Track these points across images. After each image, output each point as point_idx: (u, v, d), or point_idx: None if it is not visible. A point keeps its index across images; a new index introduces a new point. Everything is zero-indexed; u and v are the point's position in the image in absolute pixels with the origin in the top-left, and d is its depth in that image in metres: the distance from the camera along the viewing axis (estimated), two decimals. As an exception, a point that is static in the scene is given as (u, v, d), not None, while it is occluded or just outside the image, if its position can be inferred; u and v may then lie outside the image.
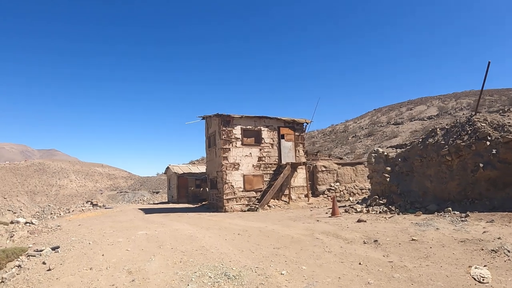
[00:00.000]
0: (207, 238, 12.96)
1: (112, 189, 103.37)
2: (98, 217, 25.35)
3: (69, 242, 13.78)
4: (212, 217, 21.02)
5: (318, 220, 16.16)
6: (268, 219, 18.54)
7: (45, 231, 18.19)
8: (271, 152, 27.26)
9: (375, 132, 69.06)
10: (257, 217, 19.80)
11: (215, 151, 27.43)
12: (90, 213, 29.15)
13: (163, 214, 25.02)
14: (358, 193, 29.61)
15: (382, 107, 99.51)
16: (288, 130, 28.08)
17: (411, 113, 77.81)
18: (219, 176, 26.22)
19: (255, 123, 26.97)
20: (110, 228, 17.55)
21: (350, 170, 30.34)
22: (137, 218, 22.74)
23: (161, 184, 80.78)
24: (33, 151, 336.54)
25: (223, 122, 25.73)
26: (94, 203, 35.00)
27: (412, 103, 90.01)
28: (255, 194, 26.12)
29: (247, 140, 26.56)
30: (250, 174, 26.16)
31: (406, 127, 65.19)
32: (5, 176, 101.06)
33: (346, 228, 13.11)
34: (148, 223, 19.38)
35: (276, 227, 14.58)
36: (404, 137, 59.32)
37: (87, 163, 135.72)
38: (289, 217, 19.03)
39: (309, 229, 13.48)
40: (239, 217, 20.68)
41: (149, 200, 57.41)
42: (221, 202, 25.69)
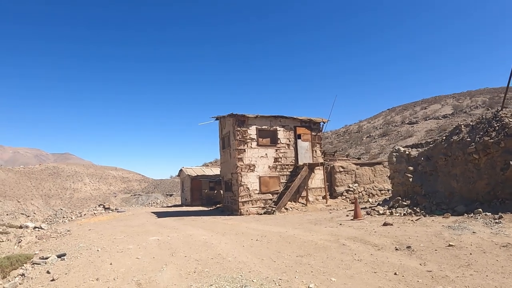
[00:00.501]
0: (223, 244, 12.04)
1: (126, 192, 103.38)
2: (110, 221, 24.58)
3: (76, 248, 13.03)
4: (228, 221, 20.10)
5: (340, 224, 15.13)
6: (286, 222, 17.57)
7: (54, 237, 17.55)
8: (288, 152, 26.31)
9: (390, 132, 67.76)
10: (274, 221, 18.83)
11: (229, 152, 26.54)
12: (102, 217, 28.45)
13: (176, 218, 24.18)
14: (377, 194, 28.54)
15: (396, 107, 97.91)
16: (305, 130, 27.11)
17: (425, 112, 76.17)
18: (234, 178, 25.31)
19: (270, 123, 26.03)
20: (121, 233, 16.79)
21: (368, 170, 29.27)
22: (149, 222, 21.92)
23: (175, 187, 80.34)
24: (47, 155, 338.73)
25: (237, 122, 24.85)
26: (106, 207, 34.25)
27: (426, 102, 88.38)
28: (272, 196, 25.19)
29: (263, 141, 25.64)
30: (266, 176, 25.23)
31: (421, 127, 63.72)
32: (20, 180, 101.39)
33: (374, 233, 12.10)
34: (161, 227, 18.53)
35: (297, 232, 13.61)
36: (419, 136, 57.72)
37: (101, 166, 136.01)
38: (308, 220, 18.06)
39: (333, 234, 12.50)
40: (256, 220, 19.73)
41: (163, 203, 56.75)
42: (236, 205, 24.76)
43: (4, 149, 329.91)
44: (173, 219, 23.69)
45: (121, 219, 25.98)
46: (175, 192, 70.41)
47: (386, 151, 53.70)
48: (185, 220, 22.52)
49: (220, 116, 27.24)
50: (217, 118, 28.25)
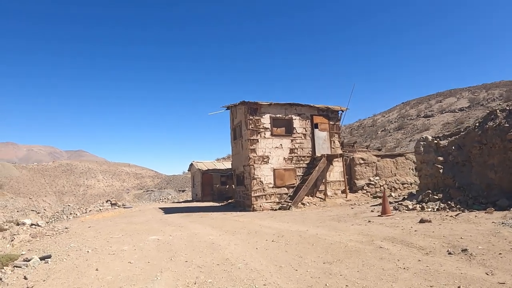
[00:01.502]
0: (233, 246, 10.05)
1: (139, 188, 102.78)
2: (114, 218, 22.85)
3: (65, 249, 11.43)
4: (239, 218, 18.10)
5: (369, 221, 13.04)
6: (305, 219, 15.54)
7: (49, 235, 16.08)
8: (304, 143, 24.23)
9: (405, 126, 66.05)
10: (291, 217, 16.79)
11: (241, 143, 24.51)
12: (107, 213, 26.72)
13: (184, 214, 22.29)
14: (400, 188, 26.38)
15: (410, 100, 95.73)
16: (322, 119, 25.01)
17: (441, 105, 74.28)
18: (246, 171, 23.29)
19: (285, 111, 23.94)
20: (120, 232, 15.09)
21: (390, 162, 27.10)
22: (154, 219, 20.06)
23: (187, 183, 78.87)
24: (61, 152, 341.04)
25: (249, 110, 22.80)
26: (113, 202, 32.51)
27: (441, 95, 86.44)
28: (287, 190, 23.12)
29: (277, 130, 23.56)
30: (281, 168, 23.16)
31: (437, 120, 61.94)
32: (34, 177, 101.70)
33: (414, 232, 10.01)
34: (165, 225, 16.68)
35: (320, 231, 11.54)
36: (436, 129, 55.82)
37: (114, 163, 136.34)
38: (330, 216, 16.02)
39: (365, 234, 10.44)
40: (270, 217, 17.71)
41: (174, 198, 55.22)
42: (248, 200, 22.73)
43: (19, 147, 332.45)
44: (180, 215, 21.78)
45: (126, 215, 24.17)
46: (187, 188, 68.80)
47: (403, 145, 52.30)
48: (192, 216, 20.60)
49: (231, 105, 25.22)
50: (227, 108, 26.25)
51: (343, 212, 17.48)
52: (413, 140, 52.80)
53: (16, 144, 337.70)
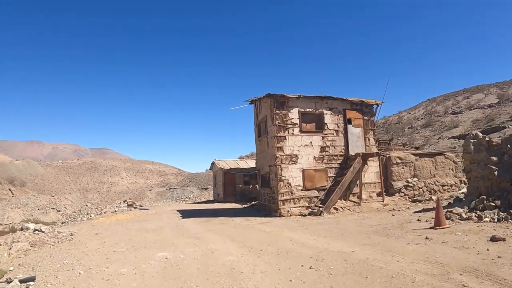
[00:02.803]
0: (259, 275, 7.65)
1: (162, 186, 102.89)
2: (126, 222, 20.71)
3: (56, 267, 9.59)
4: (265, 226, 15.62)
5: (426, 238, 10.47)
6: (344, 231, 13.03)
7: (50, 243, 14.41)
8: (336, 140, 21.64)
9: (433, 123, 63.62)
10: (326, 227, 14.27)
11: (266, 141, 22.06)
12: (121, 216, 24.62)
13: (202, 220, 19.95)
14: (440, 190, 23.64)
15: (436, 97, 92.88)
16: (356, 114, 22.44)
17: (468, 101, 72.01)
18: (272, 172, 20.82)
19: (315, 104, 21.38)
20: (127, 243, 12.97)
21: (429, 162, 24.37)
22: (169, 225, 17.78)
23: (210, 180, 77.34)
24: (85, 150, 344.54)
25: (276, 104, 20.33)
26: (130, 203, 30.42)
27: (468, 92, 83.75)
28: (317, 193, 20.58)
29: (307, 126, 21.02)
30: (311, 169, 20.62)
31: (466, 116, 59.49)
32: (58, 174, 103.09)
33: (496, 258, 7.52)
34: (179, 235, 14.37)
35: (369, 254, 8.99)
36: (465, 126, 53.47)
37: (138, 160, 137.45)
38: (371, 227, 13.55)
39: (431, 260, 7.89)
40: (301, 226, 15.23)
41: (196, 197, 53.26)
42: (275, 204, 20.26)
43: (44, 145, 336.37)
44: (199, 221, 19.43)
45: (140, 219, 22.00)
46: (210, 186, 67.11)
47: (431, 142, 49.93)
48: (212, 222, 18.23)
49: (255, 99, 22.80)
50: (251, 102, 23.83)
51: (385, 221, 15.02)
52: (442, 138, 50.85)
53: (42, 143, 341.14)
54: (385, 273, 7.18)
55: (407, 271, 7.18)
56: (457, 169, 24.97)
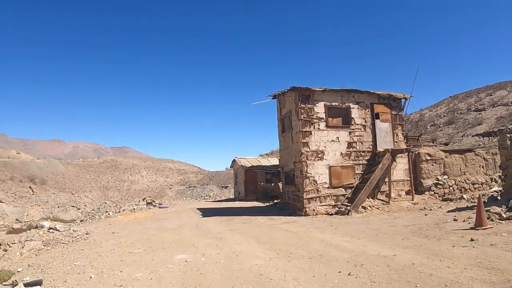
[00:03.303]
0: (291, 283, 6.66)
1: (182, 184, 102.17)
2: (145, 221, 19.93)
3: (66, 270, 8.87)
4: (291, 226, 14.63)
5: (471, 239, 9.39)
6: (378, 231, 12.00)
7: (64, 242, 13.74)
8: (364, 136, 20.50)
9: (456, 120, 61.87)
10: (357, 227, 13.23)
11: (291, 137, 20.99)
12: (140, 214, 23.85)
13: (224, 218, 19.04)
14: (470, 188, 22.37)
15: (458, 94, 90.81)
16: (384, 108, 21.27)
17: (491, 98, 69.57)
18: (297, 169, 19.76)
19: (341, 98, 20.25)
20: (144, 243, 12.14)
21: (459, 159, 23.10)
22: (189, 224, 16.89)
23: (230, 179, 76.64)
24: (106, 149, 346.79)
25: (301, 97, 19.23)
26: (149, 201, 29.61)
27: (490, 88, 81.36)
28: (344, 191, 19.45)
29: (333, 121, 19.92)
30: (337, 165, 19.52)
31: (489, 114, 57.63)
32: (79, 173, 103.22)
33: None
34: (200, 234, 13.48)
35: (413, 257, 7.91)
36: (490, 124, 51.94)
37: (158, 159, 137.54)
38: (406, 227, 12.50)
39: (486, 266, 6.82)
40: (329, 225, 14.20)
41: (216, 195, 52.47)
42: (300, 202, 19.22)
43: (65, 144, 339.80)
44: (220, 219, 18.55)
45: (159, 217, 21.18)
46: (230, 184, 66.27)
47: (455, 140, 48.50)
48: (234, 222, 17.33)
49: (278, 93, 21.77)
50: (274, 96, 22.78)
51: (419, 221, 13.96)
52: (466, 135, 49.56)
53: (63, 141, 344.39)
54: (437, 281, 6.15)
55: (462, 278, 6.15)
56: (487, 167, 23.83)
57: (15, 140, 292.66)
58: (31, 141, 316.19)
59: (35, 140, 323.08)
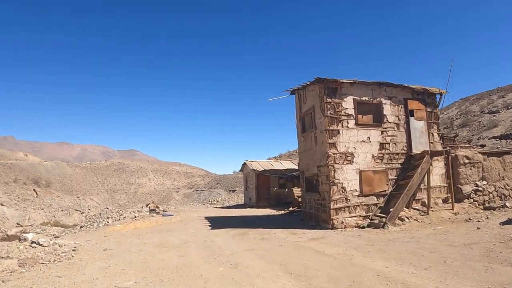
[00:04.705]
0: None
1: (189, 187, 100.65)
2: (145, 232, 17.06)
3: None
4: (322, 245, 11.59)
5: None
6: (439, 255, 9.14)
7: (44, 262, 11.29)
8: (397, 136, 17.46)
9: (470, 122, 59.34)
10: (406, 247, 10.31)
11: (314, 136, 17.80)
12: (141, 223, 20.95)
13: (237, 231, 16.01)
14: (510, 195, 19.27)
15: (469, 96, 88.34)
16: (418, 104, 18.22)
17: (505, 100, 67.34)
18: (322, 174, 16.65)
19: (372, 92, 17.25)
20: (138, 271, 9.30)
21: (497, 162, 19.99)
22: (196, 241, 13.87)
23: (237, 183, 74.21)
24: (113, 152, 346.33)
25: (326, 90, 16.23)
26: (152, 208, 26.68)
27: (502, 91, 79.24)
28: (376, 200, 16.46)
29: (363, 118, 16.93)
30: (369, 170, 16.50)
31: (504, 116, 55.08)
32: (86, 175, 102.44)
33: None
34: (209, 257, 10.51)
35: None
36: (506, 126, 48.41)
37: (166, 162, 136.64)
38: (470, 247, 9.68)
39: None
40: (369, 244, 11.19)
41: (224, 200, 49.47)
42: (325, 213, 16.16)
43: (73, 147, 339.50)
44: (232, 233, 15.55)
45: (162, 228, 18.23)
46: (238, 188, 63.68)
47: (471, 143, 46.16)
48: (249, 237, 14.31)
49: (298, 87, 18.78)
50: (292, 92, 19.85)
51: (477, 237, 11.22)
52: (482, 138, 47.07)
53: (71, 144, 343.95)
54: None
55: None
56: (526, 171, 20.86)
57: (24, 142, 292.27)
58: (39, 143, 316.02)
59: (43, 143, 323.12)
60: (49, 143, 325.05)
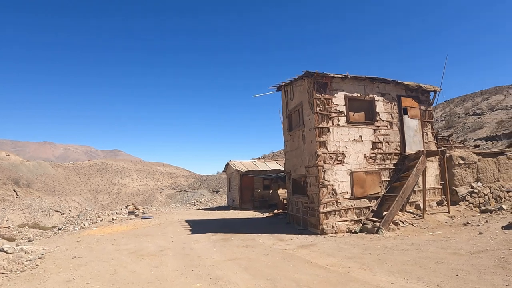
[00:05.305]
0: None
1: (172, 188, 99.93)
2: (121, 237, 15.62)
3: None
4: (313, 254, 10.34)
5: None
6: (444, 265, 7.98)
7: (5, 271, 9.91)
8: (390, 135, 16.29)
9: (455, 124, 59.39)
10: (408, 256, 9.06)
11: (301, 135, 16.52)
12: (118, 227, 19.53)
13: (219, 237, 14.68)
14: (505, 197, 18.30)
15: (453, 98, 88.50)
16: (412, 102, 17.14)
17: (489, 103, 68.25)
18: (311, 175, 15.35)
19: (365, 88, 16.03)
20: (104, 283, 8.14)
21: (492, 163, 19.06)
22: (173, 248, 12.49)
23: (221, 183, 73.20)
24: (97, 152, 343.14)
25: (316, 85, 14.94)
26: (130, 210, 25.24)
27: (486, 93, 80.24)
28: (369, 202, 15.24)
29: (354, 116, 15.71)
30: (361, 171, 15.25)
31: (489, 118, 55.65)
32: (69, 175, 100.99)
33: None
34: (186, 269, 9.20)
35: None
36: (491, 127, 49.22)
37: (149, 162, 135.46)
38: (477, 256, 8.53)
39: None
40: (366, 252, 9.97)
41: (207, 201, 48.15)
42: (314, 217, 14.87)
43: (56, 146, 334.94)
44: (214, 239, 14.20)
45: (139, 233, 16.83)
46: (221, 189, 62.40)
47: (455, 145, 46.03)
48: (232, 243, 12.99)
49: (285, 83, 17.58)
50: (278, 88, 18.62)
51: (482, 244, 10.09)
52: (468, 139, 46.90)
53: (54, 144, 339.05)
54: None
55: None
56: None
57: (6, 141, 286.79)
58: (22, 142, 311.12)
59: (26, 142, 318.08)
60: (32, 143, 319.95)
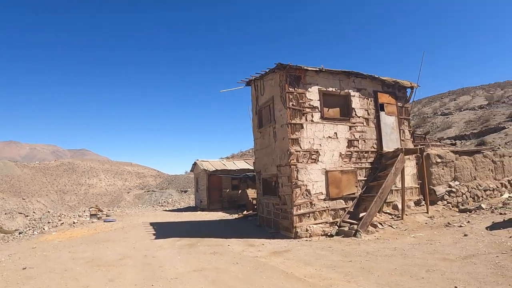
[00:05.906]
0: None
1: (141, 188, 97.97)
2: (79, 243, 14.13)
3: None
4: (288, 263, 9.22)
5: None
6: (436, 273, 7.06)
7: None
8: (367, 132, 15.42)
9: (424, 124, 60.31)
10: (394, 264, 8.07)
11: (272, 132, 15.38)
12: (79, 231, 18.02)
13: (184, 242, 13.35)
14: (483, 196, 17.99)
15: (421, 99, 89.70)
16: (389, 98, 16.34)
17: (457, 103, 70.20)
18: (283, 174, 14.24)
19: (340, 83, 15.07)
20: None
21: (469, 162, 18.52)
22: (134, 256, 11.12)
23: (189, 183, 71.81)
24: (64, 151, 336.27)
25: (289, 78, 13.87)
26: (93, 213, 23.63)
27: (453, 94, 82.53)
28: (344, 203, 14.26)
29: (329, 112, 14.72)
30: (336, 170, 14.24)
31: (457, 118, 56.80)
32: (35, 176, 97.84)
33: None
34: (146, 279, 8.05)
35: None
36: (459, 127, 50.64)
37: (117, 162, 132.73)
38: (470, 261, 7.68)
39: None
40: (346, 260, 8.90)
41: (175, 202, 46.62)
42: (287, 219, 13.77)
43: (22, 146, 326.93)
44: (178, 244, 12.90)
45: (100, 238, 15.37)
46: (190, 189, 61.09)
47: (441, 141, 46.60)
48: (199, 250, 11.71)
49: (255, 77, 16.44)
50: (248, 83, 17.50)
51: (471, 247, 9.30)
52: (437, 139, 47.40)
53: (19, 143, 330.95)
54: None
55: None
56: (496, 170, 19.56)
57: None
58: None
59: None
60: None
